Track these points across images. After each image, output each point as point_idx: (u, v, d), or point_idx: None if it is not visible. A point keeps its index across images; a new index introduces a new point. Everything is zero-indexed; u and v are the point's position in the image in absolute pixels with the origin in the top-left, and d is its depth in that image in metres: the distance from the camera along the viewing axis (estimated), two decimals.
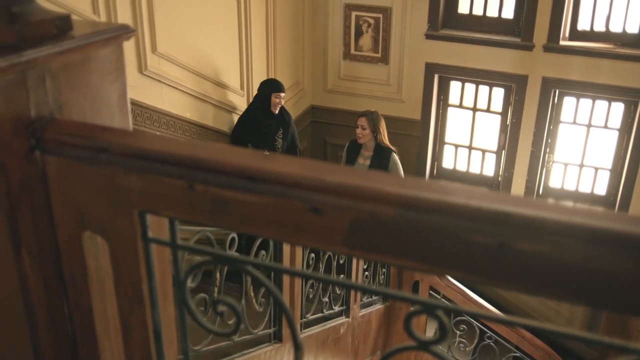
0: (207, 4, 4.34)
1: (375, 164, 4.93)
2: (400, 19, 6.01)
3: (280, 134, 4.87)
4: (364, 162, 5.01)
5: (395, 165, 4.96)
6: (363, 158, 5.03)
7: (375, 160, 4.94)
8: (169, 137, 0.92)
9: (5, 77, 0.92)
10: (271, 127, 4.79)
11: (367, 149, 5.00)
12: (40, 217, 1.04)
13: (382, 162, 4.92)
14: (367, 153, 5.01)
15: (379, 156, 4.94)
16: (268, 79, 4.97)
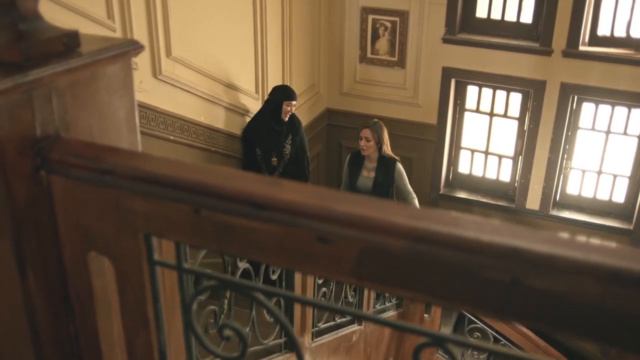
0: (223, 8, 4.33)
1: (381, 176, 4.83)
2: (417, 23, 5.97)
3: (289, 140, 4.80)
4: (369, 175, 4.89)
5: (401, 175, 4.88)
6: (367, 170, 4.90)
7: (380, 172, 4.84)
8: (175, 159, 0.91)
9: (10, 97, 0.90)
10: (281, 134, 4.75)
11: (371, 160, 4.88)
12: (45, 236, 1.03)
13: (387, 173, 4.82)
14: (370, 165, 4.89)
15: (383, 167, 4.83)
16: (280, 86, 4.90)
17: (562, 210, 6.21)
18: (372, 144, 4.74)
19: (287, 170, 4.81)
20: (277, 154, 4.74)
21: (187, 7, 3.89)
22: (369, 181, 4.83)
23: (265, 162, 4.75)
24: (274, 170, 4.77)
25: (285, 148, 4.77)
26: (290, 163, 4.81)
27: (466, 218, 0.77)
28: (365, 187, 4.83)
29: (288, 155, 4.79)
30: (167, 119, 3.82)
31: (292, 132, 4.81)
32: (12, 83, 0.89)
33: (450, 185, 6.65)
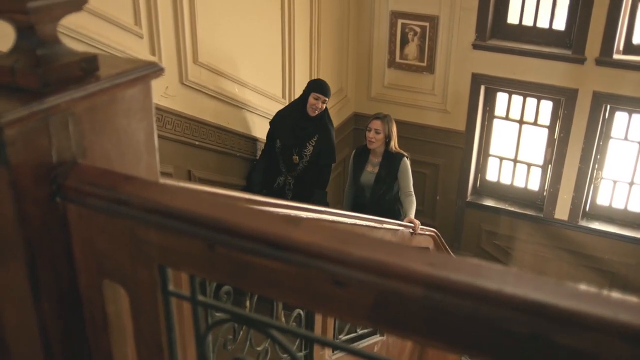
0: (251, 12, 4.33)
1: (384, 172, 4.57)
2: (447, 28, 5.90)
3: (314, 141, 4.49)
4: (372, 170, 4.64)
5: (405, 172, 4.58)
6: (372, 165, 4.66)
7: (384, 168, 4.58)
8: (192, 191, 0.90)
9: (26, 125, 0.89)
10: (306, 131, 4.44)
11: (376, 155, 4.64)
12: (60, 262, 1.02)
13: (391, 169, 4.57)
14: (375, 160, 4.64)
15: (388, 163, 4.57)
16: (315, 79, 4.66)
17: (591, 221, 6.10)
18: (381, 137, 4.51)
19: (307, 172, 4.52)
20: (298, 153, 4.47)
21: (215, 14, 3.89)
22: (372, 177, 4.62)
23: (284, 158, 4.47)
24: (292, 170, 4.50)
25: (306, 148, 4.48)
26: (311, 166, 4.51)
27: (487, 267, 0.74)
28: (368, 183, 4.63)
29: (308, 157, 4.49)
30: (192, 124, 3.82)
31: (320, 134, 4.50)
32: (28, 111, 0.88)
33: (478, 192, 6.57)
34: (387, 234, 3.34)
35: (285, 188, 4.53)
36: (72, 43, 2.79)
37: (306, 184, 4.51)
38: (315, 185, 4.53)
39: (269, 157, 4.53)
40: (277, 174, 4.54)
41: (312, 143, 4.48)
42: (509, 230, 6.41)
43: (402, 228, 3.57)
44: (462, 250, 6.61)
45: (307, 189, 4.48)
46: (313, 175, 4.54)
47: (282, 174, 4.53)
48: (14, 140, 0.89)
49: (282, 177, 4.54)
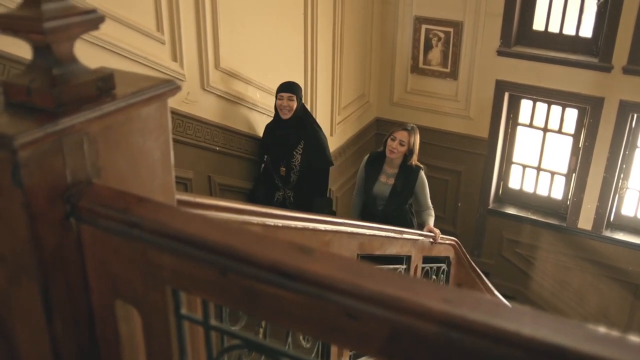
0: (273, 18, 4.32)
1: (400, 184, 4.31)
2: (471, 34, 5.85)
3: (300, 149, 4.18)
4: (387, 181, 4.37)
5: (423, 185, 4.36)
6: (386, 176, 4.38)
7: (400, 180, 4.32)
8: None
9: (40, 146, 0.89)
10: (288, 139, 4.14)
11: (392, 165, 4.36)
12: (74, 281, 1.01)
13: (408, 182, 4.32)
14: (391, 170, 4.37)
15: (405, 176, 4.32)
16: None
17: (615, 232, 6.00)
18: (404, 149, 4.25)
19: (303, 182, 4.27)
20: (286, 164, 4.21)
21: (237, 19, 3.89)
22: (387, 188, 4.35)
23: (275, 171, 4.27)
24: (287, 182, 4.28)
25: (294, 158, 4.19)
26: (305, 176, 4.24)
27: (505, 306, 0.72)
28: (382, 195, 4.37)
29: (297, 167, 4.21)
30: (213, 129, 3.83)
31: (305, 139, 4.18)
32: (43, 133, 0.88)
33: (500, 200, 6.50)
34: (407, 244, 3.31)
35: (286, 202, 4.33)
36: (94, 50, 2.82)
37: (305, 195, 4.29)
38: (313, 194, 4.30)
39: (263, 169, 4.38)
40: (275, 189, 4.35)
41: (298, 151, 4.19)
42: (531, 239, 6.34)
43: (422, 238, 3.54)
44: (482, 258, 6.55)
45: (308, 200, 4.25)
46: (310, 185, 4.31)
47: (279, 188, 4.34)
48: (28, 161, 0.88)
49: (280, 192, 4.35)
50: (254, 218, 1.64)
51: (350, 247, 2.45)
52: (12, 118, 0.91)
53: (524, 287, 6.50)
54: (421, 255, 3.56)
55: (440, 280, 4.27)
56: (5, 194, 0.92)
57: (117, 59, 2.99)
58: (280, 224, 1.78)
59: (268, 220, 1.70)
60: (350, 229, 2.43)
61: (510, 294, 6.32)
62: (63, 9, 0.93)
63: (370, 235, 2.68)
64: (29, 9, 0.91)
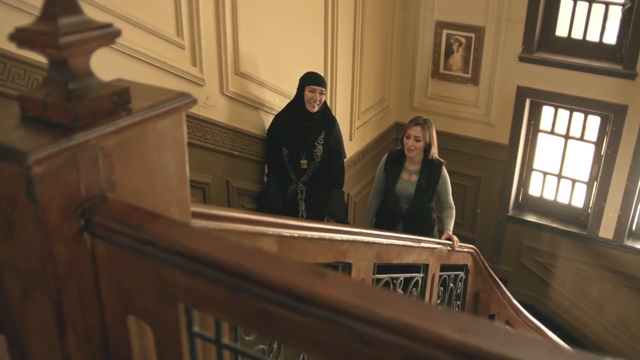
0: (293, 23, 4.32)
1: (424, 181, 4.20)
2: (493, 40, 5.81)
3: (322, 139, 4.12)
4: (409, 178, 4.24)
5: (445, 181, 4.28)
6: (408, 173, 4.25)
7: (424, 177, 4.20)
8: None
9: (54, 162, 0.89)
10: (310, 130, 4.07)
11: (414, 162, 4.24)
12: (88, 296, 1.01)
13: (432, 178, 4.21)
14: (413, 167, 4.24)
15: (428, 171, 4.20)
16: (306, 72, 4.09)
17: (637, 241, 5.92)
18: (421, 144, 4.13)
19: (317, 174, 4.19)
20: (307, 155, 4.12)
21: (257, 24, 3.89)
22: (411, 186, 4.22)
23: (293, 164, 4.13)
24: (302, 174, 4.17)
25: (316, 149, 4.12)
26: (322, 167, 4.18)
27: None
28: (406, 193, 4.24)
29: (319, 157, 4.13)
30: (231, 134, 3.83)
31: (326, 130, 4.13)
32: (57, 149, 0.87)
33: (520, 207, 6.44)
34: (425, 253, 3.28)
35: (297, 197, 4.23)
36: (114, 55, 2.83)
37: (318, 189, 4.23)
38: (331, 186, 4.26)
39: (273, 164, 4.24)
40: (288, 183, 4.23)
41: (320, 142, 4.13)
42: (551, 247, 6.27)
43: (440, 246, 3.51)
44: (501, 265, 6.49)
45: (320, 195, 4.21)
46: (324, 178, 4.23)
47: (292, 182, 4.22)
48: (42, 177, 0.88)
49: (293, 185, 4.22)
50: (269, 229, 1.63)
51: (367, 256, 2.43)
52: (27, 133, 0.91)
53: (543, 295, 6.44)
54: (439, 263, 3.53)
55: (458, 289, 4.23)
56: (19, 208, 0.92)
57: (137, 64, 3.00)
58: (296, 235, 1.77)
59: (284, 231, 1.69)
60: (367, 238, 2.41)
61: (529, 302, 6.26)
62: (79, 24, 0.93)
63: (387, 245, 2.66)
64: (46, 23, 0.91)
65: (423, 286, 3.36)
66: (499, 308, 4.77)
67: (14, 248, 0.97)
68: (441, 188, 4.25)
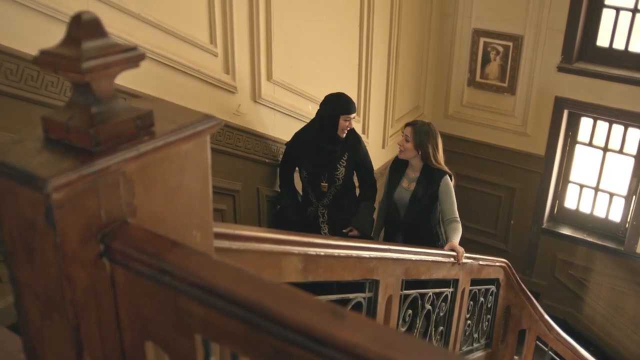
0: (328, 30, 4.30)
1: (420, 190, 3.87)
2: (531, 49, 5.70)
3: (344, 161, 3.91)
4: (408, 187, 3.95)
5: (446, 191, 3.85)
6: (407, 181, 3.97)
7: (421, 186, 3.87)
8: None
9: (74, 188, 0.87)
10: (335, 154, 3.89)
11: (413, 169, 3.94)
12: (106, 319, 1.00)
13: (430, 187, 3.86)
14: (412, 174, 3.95)
15: (426, 180, 3.87)
16: (335, 95, 3.85)
17: None
18: (409, 146, 3.81)
19: (339, 196, 3.97)
20: (329, 179, 3.92)
21: (292, 31, 3.87)
22: (407, 194, 3.94)
23: (312, 186, 3.95)
24: (323, 197, 3.96)
25: (338, 171, 3.91)
26: (343, 188, 3.98)
27: None
28: (402, 201, 3.97)
29: (341, 180, 3.93)
30: (262, 141, 3.82)
31: (349, 151, 3.93)
32: (76, 175, 0.86)
33: (555, 219, 6.31)
34: (455, 268, 3.22)
35: (318, 220, 4.01)
36: (145, 62, 2.83)
37: (341, 212, 4.01)
38: (361, 199, 4.09)
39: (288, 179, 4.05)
40: (308, 205, 4.04)
41: (342, 164, 3.92)
42: (586, 261, 6.13)
43: (471, 261, 3.43)
44: (534, 278, 6.38)
45: (344, 216, 4.00)
46: (346, 200, 4.03)
47: (312, 204, 4.02)
48: (61, 204, 0.87)
49: (313, 207, 4.01)
50: (295, 248, 1.61)
51: (395, 272, 2.39)
52: (48, 157, 0.90)
53: (576, 310, 6.30)
54: (469, 278, 3.46)
55: (489, 302, 4.16)
56: (39, 232, 0.91)
57: (169, 72, 3.00)
58: (322, 253, 1.74)
59: (310, 250, 1.67)
60: (395, 255, 2.37)
61: (561, 316, 6.13)
62: (103, 47, 0.91)
63: (416, 261, 2.62)
64: (69, 47, 0.90)
65: (452, 301, 3.30)
66: (530, 323, 4.67)
67: (34, 271, 0.96)
68: (442, 198, 3.86)
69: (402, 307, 2.61)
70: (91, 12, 0.91)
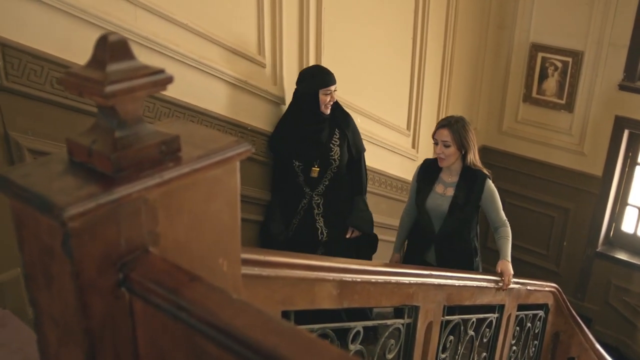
0: (380, 42, 4.24)
1: (462, 195, 3.37)
2: (591, 65, 5.51)
3: (337, 139, 3.51)
4: (444, 192, 3.44)
5: (492, 196, 3.38)
6: (443, 186, 3.44)
7: (462, 191, 3.37)
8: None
9: (93, 216, 0.84)
10: (322, 133, 3.47)
11: (450, 173, 3.43)
12: (124, 349, 0.97)
13: (472, 192, 3.35)
14: (449, 179, 3.43)
15: (468, 184, 3.36)
16: (311, 68, 3.46)
17: None
18: (452, 150, 3.31)
19: (336, 183, 3.57)
20: (322, 162, 3.50)
21: (342, 43, 3.83)
22: (444, 201, 3.41)
23: (306, 175, 3.53)
24: (317, 185, 3.55)
25: (332, 151, 3.50)
26: (340, 173, 3.57)
27: None
28: (438, 210, 3.44)
29: (337, 162, 3.52)
30: None
31: (339, 128, 3.53)
32: (94, 204, 0.83)
33: (610, 243, 6.07)
34: (501, 293, 3.10)
35: (313, 212, 3.60)
36: (194, 73, 2.83)
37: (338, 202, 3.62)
38: (353, 192, 3.69)
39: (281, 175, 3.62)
40: (300, 198, 3.61)
41: (336, 142, 3.52)
42: None
43: (519, 286, 3.30)
44: (586, 303, 6.15)
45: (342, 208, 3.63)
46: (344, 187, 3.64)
47: (304, 195, 3.60)
48: (78, 232, 0.84)
49: (306, 199, 3.60)
50: (329, 274, 1.55)
51: (436, 298, 2.30)
52: (68, 182, 0.87)
53: (629, 338, 6.04)
54: (516, 303, 3.33)
55: (536, 328, 4.01)
56: (57, 259, 0.89)
57: (216, 82, 3.00)
58: (358, 279, 1.68)
59: (346, 276, 1.61)
60: (437, 280, 2.29)
61: (613, 344, 5.89)
62: (129, 70, 0.88)
63: (459, 286, 2.52)
64: (94, 69, 0.87)
65: (497, 327, 3.18)
66: (580, 351, 4.49)
67: (52, 297, 0.94)
68: (488, 205, 3.38)
69: (442, 334, 2.52)
70: (118, 33, 0.88)
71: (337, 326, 1.81)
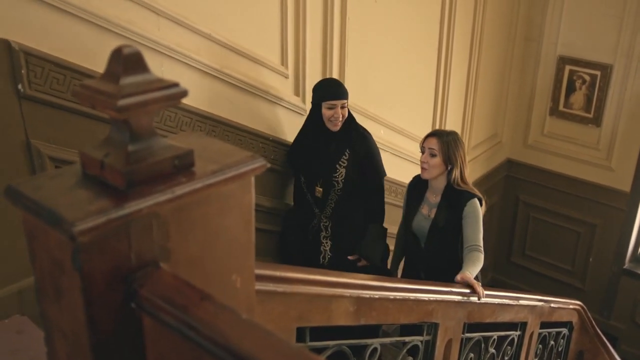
0: (404, 53, 4.21)
1: (442, 217, 3.14)
2: (620, 79, 5.42)
3: (345, 160, 3.29)
4: (428, 213, 3.22)
5: (472, 215, 3.06)
6: (428, 207, 3.23)
7: (442, 212, 3.13)
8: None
9: (103, 231, 0.83)
10: (328, 152, 3.29)
11: (434, 191, 3.19)
12: None
13: (454, 213, 3.10)
14: (433, 198, 3.20)
15: (449, 204, 3.12)
16: (321, 80, 3.34)
17: None
18: (437, 161, 3.06)
19: (345, 205, 3.36)
20: (325, 182, 3.31)
21: (366, 55, 3.81)
22: (427, 223, 3.21)
23: (311, 193, 3.38)
24: (324, 206, 3.36)
25: (336, 172, 3.29)
26: (349, 196, 3.34)
27: None
28: (421, 231, 3.24)
29: (340, 184, 3.29)
30: None
31: (351, 149, 3.30)
32: (105, 219, 0.82)
33: (638, 260, 5.95)
34: (523, 310, 3.04)
35: (319, 235, 3.44)
36: (213, 82, 2.84)
37: (347, 226, 3.41)
38: (369, 219, 3.42)
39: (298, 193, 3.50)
40: (311, 217, 3.44)
41: (342, 164, 3.29)
42: None
43: (542, 303, 3.24)
44: (612, 321, 6.02)
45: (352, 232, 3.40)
46: (356, 210, 3.39)
47: (314, 215, 3.43)
48: (88, 247, 0.83)
49: (316, 219, 3.43)
50: (346, 291, 1.52)
51: (456, 316, 2.26)
52: (79, 197, 0.86)
53: None
54: (539, 321, 3.27)
55: (560, 346, 3.93)
56: (66, 273, 0.88)
57: (238, 92, 2.99)
58: (376, 296, 1.65)
59: (363, 293, 1.58)
60: (457, 297, 2.25)
61: None
62: (143, 84, 0.87)
63: (480, 303, 2.48)
64: (108, 82, 0.86)
65: (519, 345, 3.12)
66: None
67: (61, 311, 0.93)
68: (465, 223, 3.07)
69: (462, 351, 2.47)
70: (132, 46, 0.87)
71: (353, 343, 1.78)
